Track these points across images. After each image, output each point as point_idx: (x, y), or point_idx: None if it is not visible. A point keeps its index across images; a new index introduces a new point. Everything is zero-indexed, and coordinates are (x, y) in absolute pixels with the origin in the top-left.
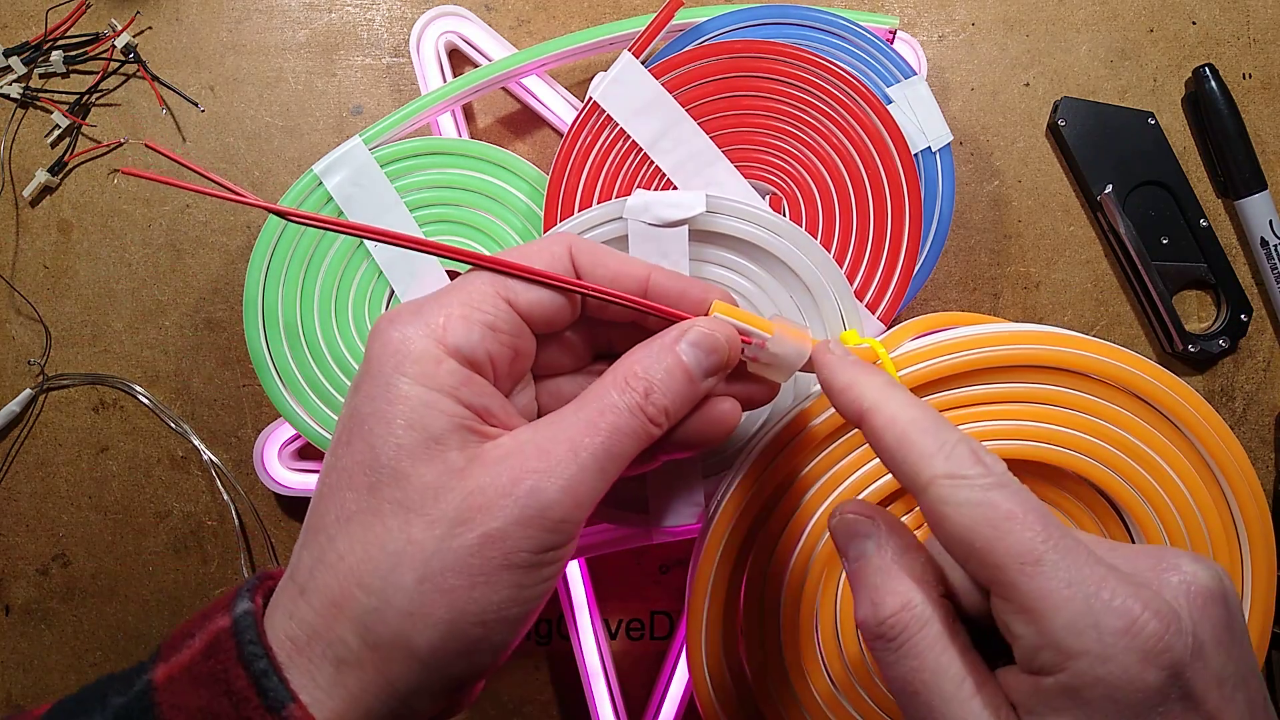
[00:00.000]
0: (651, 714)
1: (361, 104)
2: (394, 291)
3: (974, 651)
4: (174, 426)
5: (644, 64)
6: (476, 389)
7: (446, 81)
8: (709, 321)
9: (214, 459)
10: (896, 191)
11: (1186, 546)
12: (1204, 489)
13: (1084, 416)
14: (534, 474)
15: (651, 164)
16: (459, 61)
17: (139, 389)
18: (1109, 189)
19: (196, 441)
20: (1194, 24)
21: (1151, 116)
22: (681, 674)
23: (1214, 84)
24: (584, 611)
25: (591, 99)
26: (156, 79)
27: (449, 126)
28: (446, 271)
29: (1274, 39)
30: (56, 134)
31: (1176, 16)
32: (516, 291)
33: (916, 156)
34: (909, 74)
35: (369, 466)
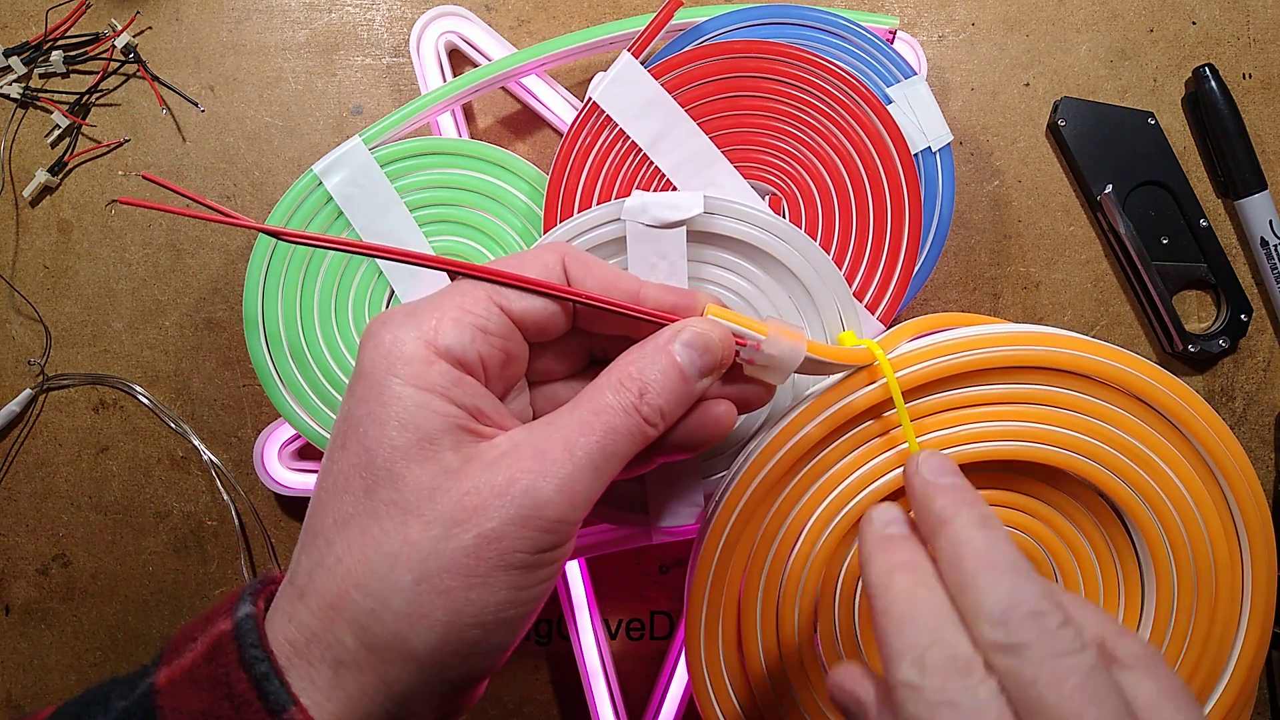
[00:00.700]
0: (651, 714)
1: (361, 104)
2: (394, 292)
3: None
4: (174, 426)
5: (644, 64)
6: (468, 390)
7: (446, 81)
8: (702, 322)
9: (214, 459)
10: (896, 191)
11: (1186, 547)
12: (1204, 489)
13: (1083, 417)
14: (529, 474)
15: (651, 164)
16: (459, 61)
17: (139, 389)
18: (1109, 189)
19: (196, 441)
20: (1194, 24)
21: (1151, 116)
22: (681, 674)
23: (1214, 84)
24: (584, 611)
25: (591, 99)
26: (156, 79)
27: (449, 126)
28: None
29: (1274, 39)
30: (56, 134)
31: (1176, 16)
32: (510, 298)
33: (916, 156)
34: (909, 74)
35: (364, 469)
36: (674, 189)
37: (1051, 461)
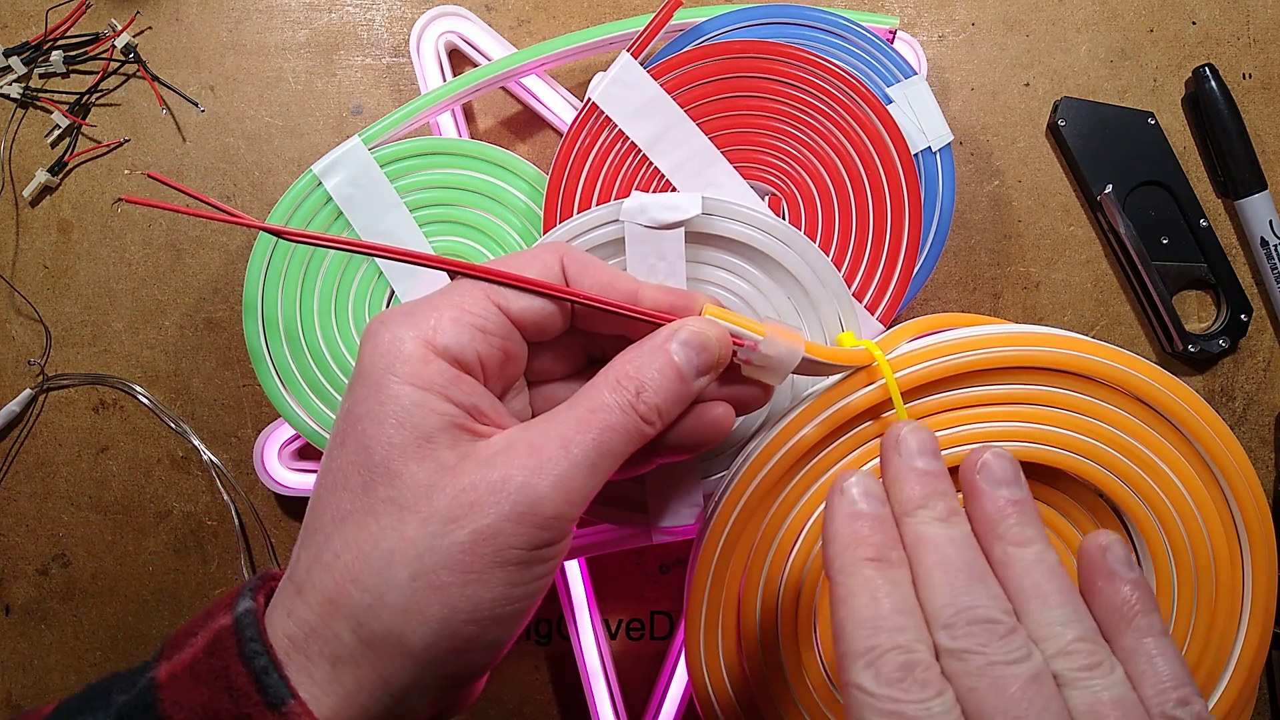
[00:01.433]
0: (651, 714)
1: (361, 104)
2: (394, 292)
3: None
4: (174, 426)
5: (643, 64)
6: (466, 388)
7: (446, 81)
8: (699, 321)
9: (214, 459)
10: (896, 192)
11: (1186, 547)
12: (1204, 490)
13: (1083, 418)
14: (525, 470)
15: (651, 164)
16: (459, 61)
17: (139, 389)
18: (1109, 189)
19: (196, 441)
20: (1194, 24)
21: (1151, 116)
22: (681, 674)
23: (1214, 84)
24: (584, 611)
25: (591, 99)
26: (156, 79)
27: (449, 126)
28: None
29: (1274, 39)
30: (56, 134)
31: (1176, 16)
32: (508, 297)
33: (916, 156)
34: (909, 74)
35: (362, 466)
36: (674, 189)
37: (1051, 462)
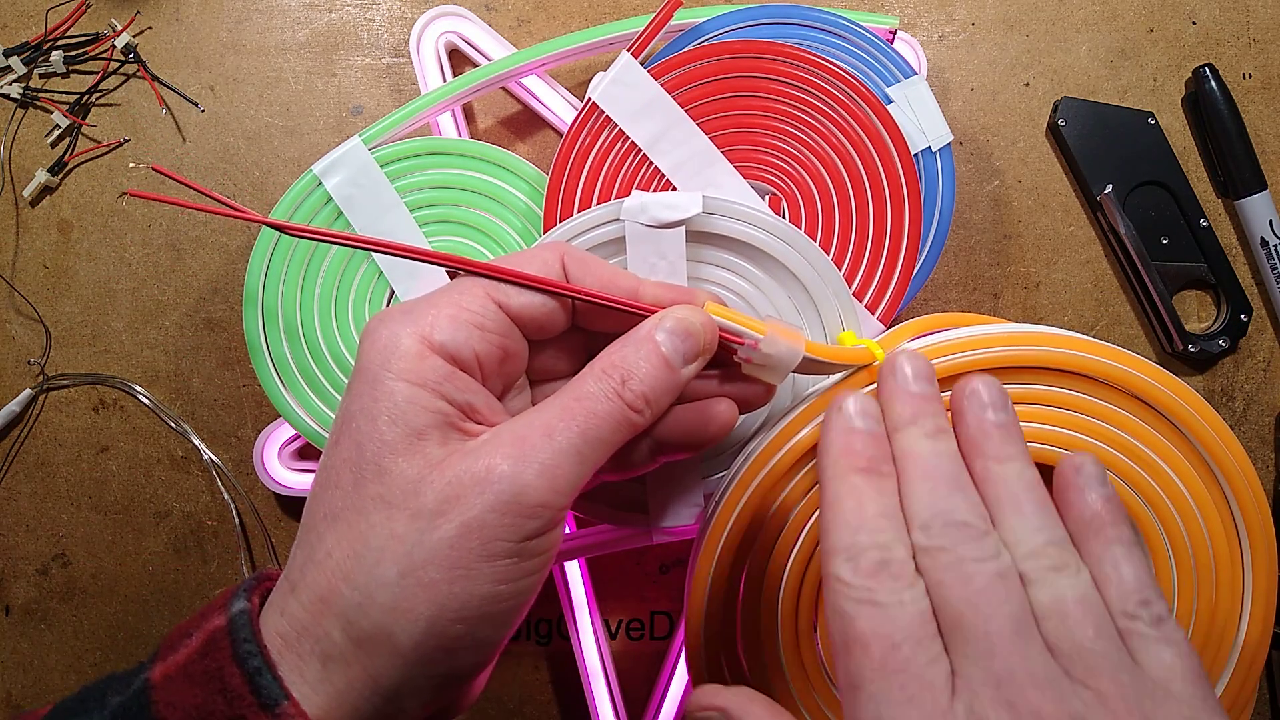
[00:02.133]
0: (651, 714)
1: (361, 104)
2: (394, 292)
3: None
4: (174, 426)
5: (643, 64)
6: (461, 385)
7: (446, 81)
8: (684, 309)
9: (214, 459)
10: (896, 191)
11: (1186, 547)
12: (1204, 489)
13: (1083, 417)
14: (508, 459)
15: (651, 164)
16: (459, 61)
17: (139, 389)
18: (1109, 189)
19: (196, 441)
20: (1194, 24)
21: (1151, 116)
22: (681, 674)
23: (1214, 84)
24: (584, 611)
25: (591, 99)
26: (156, 79)
27: (449, 126)
28: (447, 271)
29: (1274, 39)
30: (56, 134)
31: (1176, 16)
32: (508, 294)
33: (916, 156)
34: (909, 74)
35: (354, 463)
36: (674, 189)
37: (1052, 461)
